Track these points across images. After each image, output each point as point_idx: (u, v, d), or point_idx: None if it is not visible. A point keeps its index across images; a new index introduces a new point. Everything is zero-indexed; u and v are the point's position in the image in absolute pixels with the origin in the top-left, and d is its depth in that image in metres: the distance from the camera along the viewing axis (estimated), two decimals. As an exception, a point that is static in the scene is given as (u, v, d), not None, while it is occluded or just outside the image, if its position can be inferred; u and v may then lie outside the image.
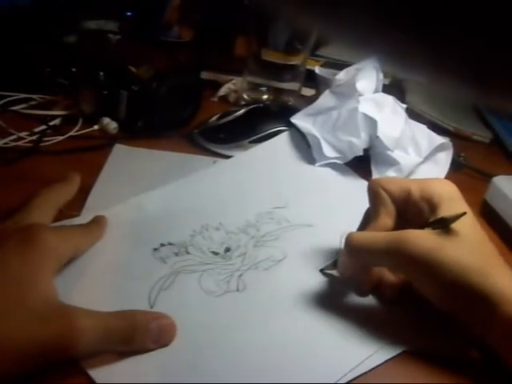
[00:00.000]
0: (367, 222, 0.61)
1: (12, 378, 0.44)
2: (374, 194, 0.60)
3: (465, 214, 0.52)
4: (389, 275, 0.58)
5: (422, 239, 0.52)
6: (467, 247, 0.52)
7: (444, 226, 0.52)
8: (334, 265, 0.61)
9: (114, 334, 0.48)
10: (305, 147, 0.87)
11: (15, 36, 0.93)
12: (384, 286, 0.58)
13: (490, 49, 0.17)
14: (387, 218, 0.58)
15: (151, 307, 0.54)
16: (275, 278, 0.60)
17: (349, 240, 0.56)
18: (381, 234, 0.55)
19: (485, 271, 0.50)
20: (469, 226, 0.53)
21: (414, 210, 0.58)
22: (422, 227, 0.54)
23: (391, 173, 0.83)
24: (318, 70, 1.03)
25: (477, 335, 0.52)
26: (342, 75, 0.91)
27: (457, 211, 0.53)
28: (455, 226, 0.52)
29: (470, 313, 0.51)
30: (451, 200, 0.56)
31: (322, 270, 0.61)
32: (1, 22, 0.93)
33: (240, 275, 0.60)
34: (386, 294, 0.58)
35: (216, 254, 0.62)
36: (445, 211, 0.54)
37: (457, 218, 0.52)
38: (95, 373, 0.47)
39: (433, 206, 0.56)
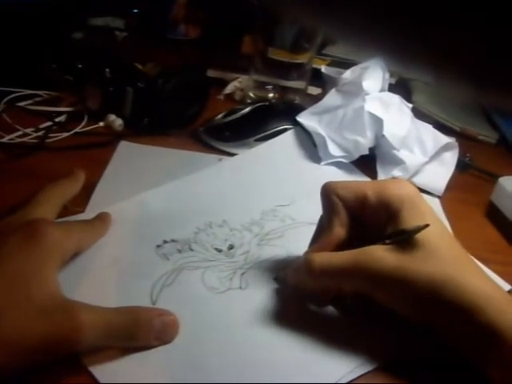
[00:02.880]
0: (321, 229, 0.59)
1: (16, 372, 0.44)
2: (326, 200, 0.57)
3: (427, 226, 0.49)
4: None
5: (385, 258, 0.49)
6: (433, 258, 0.49)
7: (406, 238, 0.50)
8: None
9: (117, 329, 0.48)
10: (310, 146, 0.87)
11: (22, 32, 0.93)
12: (343, 295, 0.56)
13: (490, 50, 0.17)
14: (340, 228, 0.55)
15: (153, 304, 0.54)
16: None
17: (310, 264, 0.52)
18: (343, 256, 0.52)
19: (455, 280, 0.48)
20: (433, 234, 0.50)
21: (370, 216, 0.55)
22: (382, 237, 0.52)
23: (397, 172, 0.83)
24: (324, 69, 1.03)
25: (454, 342, 0.50)
26: (348, 74, 0.91)
27: (418, 216, 0.51)
28: (420, 235, 0.49)
29: (446, 323, 0.49)
30: (411, 204, 0.53)
31: (276, 278, 0.59)
32: (7, 18, 0.93)
33: (243, 273, 0.60)
34: (345, 303, 0.56)
35: (219, 251, 0.62)
36: (406, 217, 0.52)
37: (418, 230, 0.49)
38: (97, 370, 0.46)
39: (392, 212, 0.53)
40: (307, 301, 0.56)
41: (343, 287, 0.55)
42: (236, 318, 0.54)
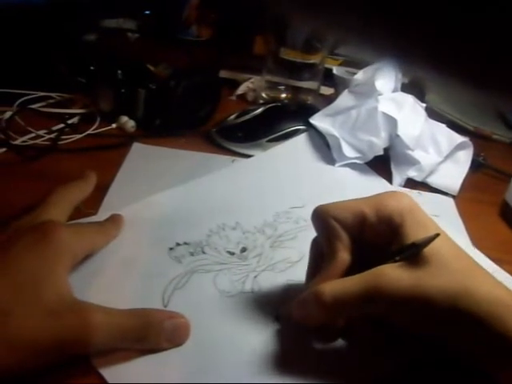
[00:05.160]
0: (317, 255, 0.55)
1: (25, 373, 0.44)
2: (324, 226, 0.53)
3: (438, 235, 0.47)
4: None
5: (399, 277, 0.47)
6: (446, 271, 0.47)
7: (416, 251, 0.47)
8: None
9: (128, 331, 0.47)
10: (324, 147, 0.87)
11: (34, 35, 0.93)
12: (352, 324, 0.53)
13: (492, 55, 0.17)
14: (344, 252, 0.51)
15: (165, 306, 0.53)
16: (291, 281, 0.59)
17: (321, 296, 0.48)
18: (354, 281, 0.48)
19: (470, 290, 0.45)
20: (440, 245, 0.48)
21: (371, 233, 0.51)
22: (390, 254, 0.49)
23: (412, 172, 0.82)
24: (335, 70, 1.03)
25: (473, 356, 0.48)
26: (360, 75, 0.90)
27: (421, 228, 0.49)
28: (427, 249, 0.47)
29: (465, 336, 0.47)
30: (412, 216, 0.50)
31: (277, 317, 0.54)
32: (20, 21, 0.93)
33: (255, 276, 0.59)
34: (354, 332, 0.53)
35: (232, 253, 0.62)
36: (409, 230, 0.49)
37: (429, 241, 0.47)
38: (107, 372, 0.46)
39: (394, 227, 0.50)
40: (313, 338, 0.53)
41: (355, 315, 0.52)
42: (248, 321, 0.54)
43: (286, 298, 0.56)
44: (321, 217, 0.53)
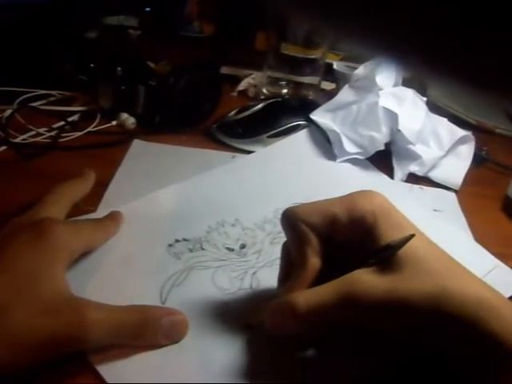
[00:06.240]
0: (288, 260, 0.53)
1: (23, 370, 0.44)
2: (292, 230, 0.51)
3: (413, 236, 0.45)
4: None
5: (373, 283, 0.45)
6: (424, 272, 0.44)
7: (391, 253, 0.45)
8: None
9: (125, 327, 0.47)
10: (325, 143, 0.86)
11: (35, 32, 0.93)
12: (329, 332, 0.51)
13: (492, 55, 0.16)
14: (315, 258, 0.49)
15: (163, 303, 0.53)
16: None
17: (294, 307, 0.46)
18: (328, 290, 0.46)
19: (452, 290, 0.43)
20: (417, 246, 0.46)
21: (344, 235, 0.49)
22: (364, 258, 0.47)
23: (413, 167, 0.82)
24: (336, 65, 1.03)
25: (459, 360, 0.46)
26: (360, 70, 0.90)
27: (396, 228, 0.47)
28: (403, 250, 0.45)
29: (449, 340, 0.44)
30: (386, 216, 0.48)
31: (249, 326, 0.53)
32: (21, 19, 0.93)
33: (254, 273, 0.59)
34: (332, 340, 0.51)
35: (231, 250, 0.62)
36: (383, 231, 0.47)
37: (404, 242, 0.45)
38: (104, 369, 0.46)
39: (367, 227, 0.48)
40: (286, 347, 0.51)
41: (330, 324, 0.49)
42: (245, 318, 0.53)
43: (256, 306, 0.55)
44: (289, 220, 0.51)
